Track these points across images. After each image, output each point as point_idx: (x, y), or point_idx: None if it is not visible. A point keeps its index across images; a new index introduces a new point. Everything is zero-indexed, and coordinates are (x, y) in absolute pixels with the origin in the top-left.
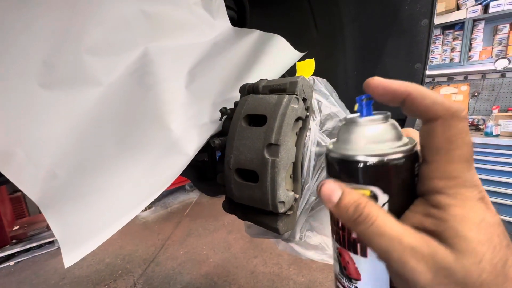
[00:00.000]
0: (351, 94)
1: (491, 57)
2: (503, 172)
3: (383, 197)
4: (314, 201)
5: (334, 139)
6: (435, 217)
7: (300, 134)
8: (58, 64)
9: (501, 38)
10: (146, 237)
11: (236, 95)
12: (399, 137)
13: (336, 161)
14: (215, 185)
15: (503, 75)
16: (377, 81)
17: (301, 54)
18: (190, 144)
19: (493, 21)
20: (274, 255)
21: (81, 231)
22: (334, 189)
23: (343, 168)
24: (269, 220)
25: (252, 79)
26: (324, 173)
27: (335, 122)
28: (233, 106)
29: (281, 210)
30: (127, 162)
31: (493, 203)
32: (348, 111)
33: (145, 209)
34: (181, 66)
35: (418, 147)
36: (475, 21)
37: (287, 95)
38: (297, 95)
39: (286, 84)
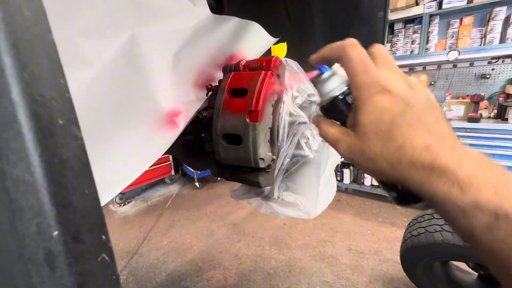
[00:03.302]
0: None
1: (445, 49)
2: None
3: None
4: (288, 163)
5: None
6: (354, 115)
7: (276, 105)
8: None
9: (453, 32)
10: (127, 231)
11: (218, 76)
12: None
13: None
14: (203, 159)
15: (455, 66)
16: (313, 58)
17: (275, 40)
18: (180, 118)
19: (447, 16)
20: (257, 238)
21: None
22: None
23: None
24: (252, 176)
25: (232, 61)
26: (296, 139)
27: (305, 96)
28: (217, 84)
29: (262, 165)
30: (123, 135)
31: None
32: (316, 90)
33: (123, 204)
34: (167, 50)
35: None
36: (431, 16)
37: (264, 71)
38: (272, 71)
39: (263, 62)
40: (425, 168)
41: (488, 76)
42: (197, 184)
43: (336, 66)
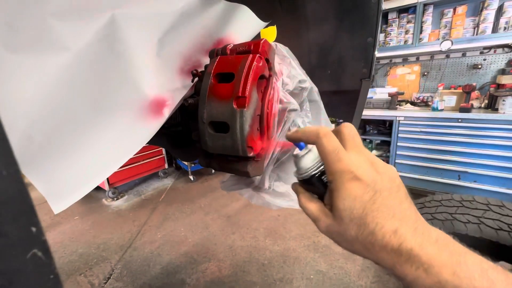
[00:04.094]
0: (314, 67)
1: (438, 39)
2: (446, 142)
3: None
4: (279, 152)
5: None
6: (330, 197)
7: (265, 91)
8: (23, 28)
9: (446, 21)
10: (120, 224)
11: (205, 62)
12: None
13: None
14: (191, 149)
15: (447, 56)
16: (289, 135)
17: (264, 24)
18: (165, 105)
19: (440, 5)
20: (251, 229)
21: (64, 184)
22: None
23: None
24: (241, 166)
25: (220, 46)
26: (286, 126)
27: (296, 82)
28: (203, 70)
29: (250, 154)
30: (104, 124)
31: (437, 169)
32: (307, 76)
33: (116, 198)
34: (150, 34)
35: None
36: (425, 5)
37: (252, 54)
38: (260, 55)
39: (251, 46)
40: (395, 252)
41: (479, 67)
42: (191, 177)
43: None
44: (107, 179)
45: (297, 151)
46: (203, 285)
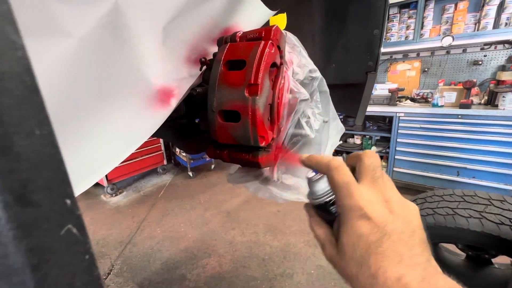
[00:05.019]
0: (318, 60)
1: (439, 35)
2: (445, 138)
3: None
4: (289, 143)
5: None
6: (338, 228)
7: (276, 80)
8: (24, 11)
9: (447, 17)
10: (119, 220)
11: (212, 50)
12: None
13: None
14: (197, 141)
15: (448, 52)
16: (301, 161)
17: (272, 12)
18: (171, 95)
19: (442, 1)
20: (251, 225)
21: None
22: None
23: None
24: (252, 156)
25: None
26: (296, 117)
27: (306, 72)
28: (212, 58)
29: (262, 144)
30: (109, 113)
31: (436, 165)
32: (315, 66)
33: (115, 194)
34: (155, 22)
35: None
36: (426, 0)
37: (263, 41)
38: (272, 41)
39: (262, 32)
40: None
41: (480, 63)
42: (190, 173)
43: None
44: (106, 175)
45: (310, 173)
46: (204, 280)
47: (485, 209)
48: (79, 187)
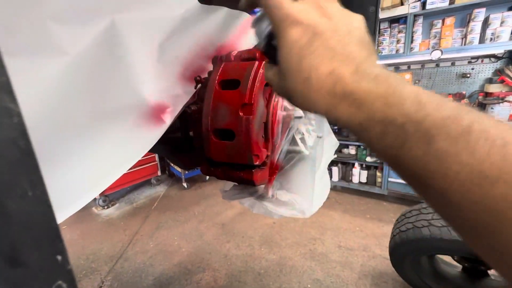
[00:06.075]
0: None
1: (429, 49)
2: None
3: None
4: (283, 160)
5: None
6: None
7: (270, 98)
8: (21, 30)
9: (435, 32)
10: (111, 234)
11: (207, 68)
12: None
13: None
14: (191, 157)
15: (437, 65)
16: (240, 5)
17: None
18: (166, 111)
19: (430, 16)
20: (246, 237)
21: (60, 196)
22: None
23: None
24: (246, 174)
25: (222, 53)
26: (291, 134)
27: None
28: (207, 76)
29: (256, 162)
30: (103, 131)
31: None
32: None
33: (107, 207)
34: (151, 39)
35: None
36: (415, 16)
37: (257, 61)
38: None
39: (256, 53)
40: (329, 93)
41: (468, 75)
42: (184, 184)
43: None
44: None
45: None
46: None
47: None
48: (73, 206)
